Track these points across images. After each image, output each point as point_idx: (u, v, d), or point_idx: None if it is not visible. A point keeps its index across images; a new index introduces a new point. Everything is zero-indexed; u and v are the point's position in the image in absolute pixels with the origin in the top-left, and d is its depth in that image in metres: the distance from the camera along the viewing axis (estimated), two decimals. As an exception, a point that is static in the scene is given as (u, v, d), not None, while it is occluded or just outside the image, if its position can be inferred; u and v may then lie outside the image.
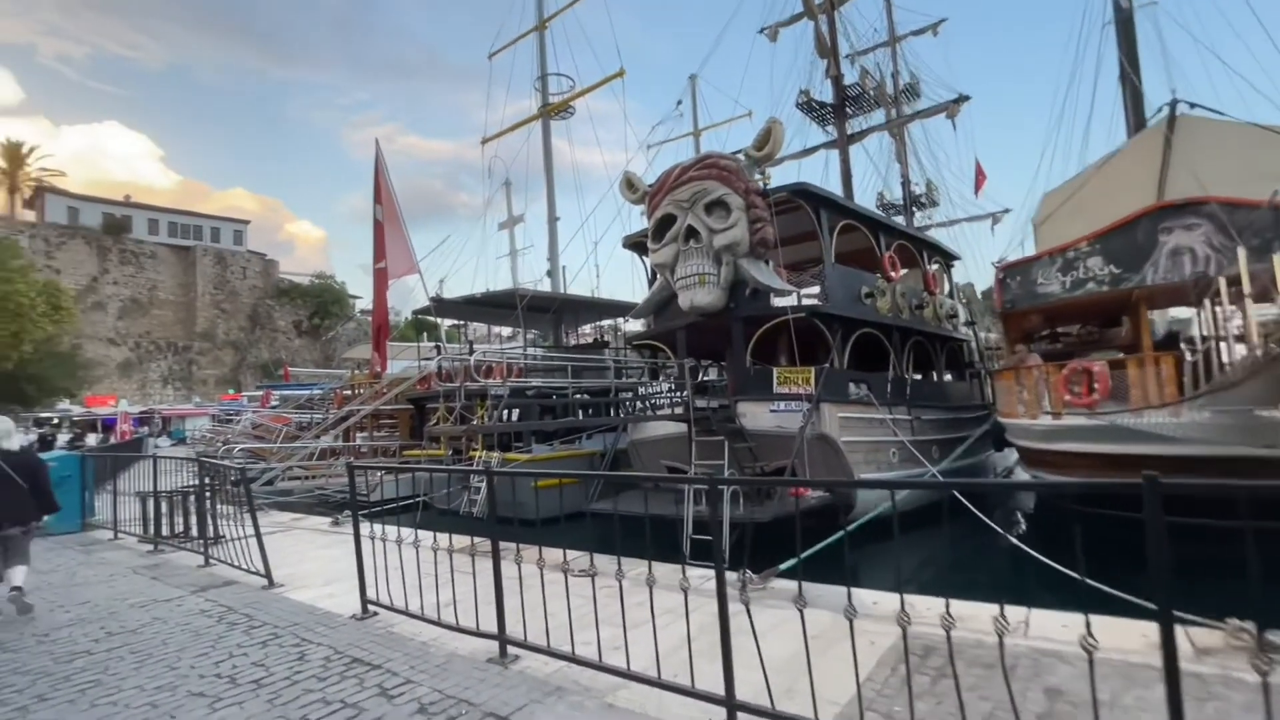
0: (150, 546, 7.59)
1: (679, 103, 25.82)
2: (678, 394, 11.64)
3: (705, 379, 12.37)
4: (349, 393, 21.76)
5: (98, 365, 48.87)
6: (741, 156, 11.39)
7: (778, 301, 11.15)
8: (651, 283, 14.44)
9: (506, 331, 29.22)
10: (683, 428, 11.94)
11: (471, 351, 13.93)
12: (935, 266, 15.52)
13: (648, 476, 10.89)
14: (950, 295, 16.20)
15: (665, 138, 27.05)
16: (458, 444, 15.94)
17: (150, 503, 7.84)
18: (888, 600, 4.31)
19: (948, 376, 15.26)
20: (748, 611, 2.79)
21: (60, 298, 31.68)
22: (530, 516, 9.00)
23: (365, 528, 4.73)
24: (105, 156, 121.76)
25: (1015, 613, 4.04)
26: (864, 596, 4.45)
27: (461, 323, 22.00)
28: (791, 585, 4.69)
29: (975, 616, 4.02)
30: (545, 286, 20.28)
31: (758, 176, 11.25)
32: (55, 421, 37.13)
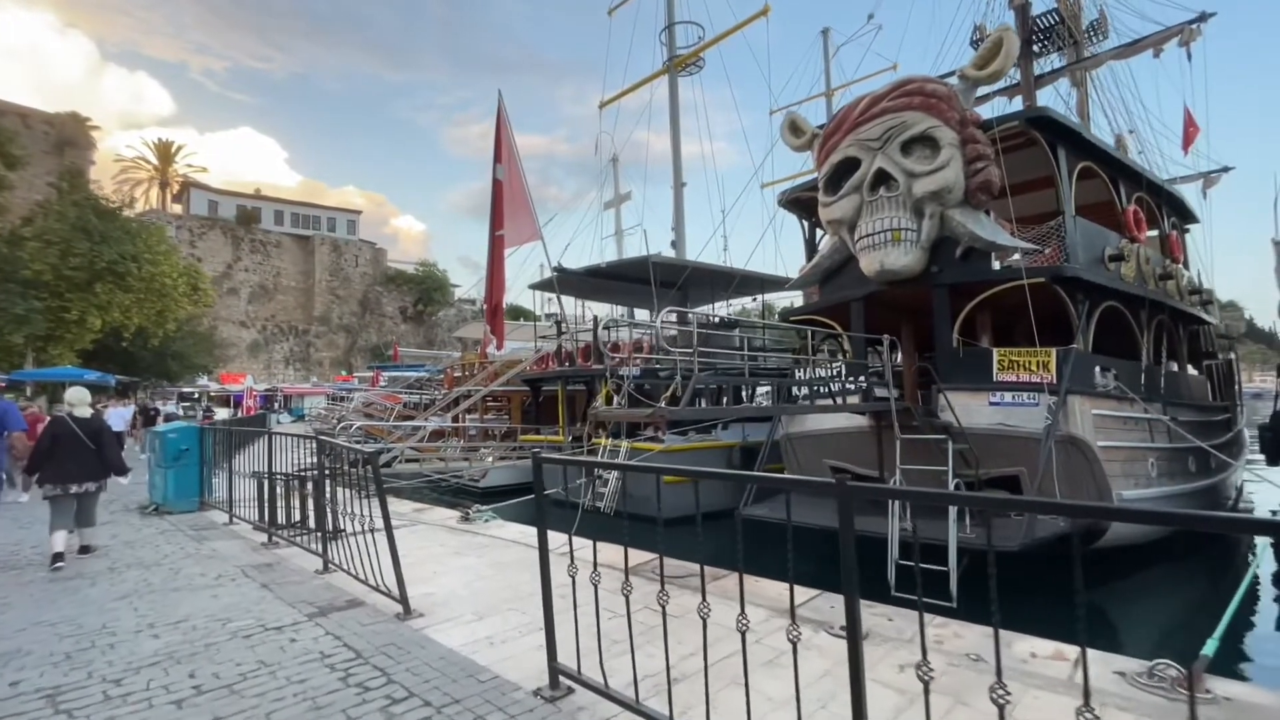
0: (265, 537, 6.47)
1: (870, 16, 22.64)
2: (849, 380, 9.42)
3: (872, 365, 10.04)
4: (459, 374, 21.09)
5: (230, 345, 52.78)
6: (954, 80, 9.00)
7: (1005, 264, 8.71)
8: (810, 250, 12.29)
9: (597, 310, 27.22)
10: (855, 420, 9.77)
11: (598, 326, 12.36)
12: (1173, 229, 12.30)
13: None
14: (1187, 265, 12.88)
15: (792, 101, 24.31)
16: (578, 430, 14.55)
17: (265, 485, 6.74)
18: None
19: (1189, 368, 12.08)
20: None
21: (199, 279, 33.63)
22: (650, 514, 7.21)
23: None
24: (240, 159, 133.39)
25: None
26: None
27: (555, 310, 20.06)
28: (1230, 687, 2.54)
29: None
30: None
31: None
32: (196, 396, 40.10)
